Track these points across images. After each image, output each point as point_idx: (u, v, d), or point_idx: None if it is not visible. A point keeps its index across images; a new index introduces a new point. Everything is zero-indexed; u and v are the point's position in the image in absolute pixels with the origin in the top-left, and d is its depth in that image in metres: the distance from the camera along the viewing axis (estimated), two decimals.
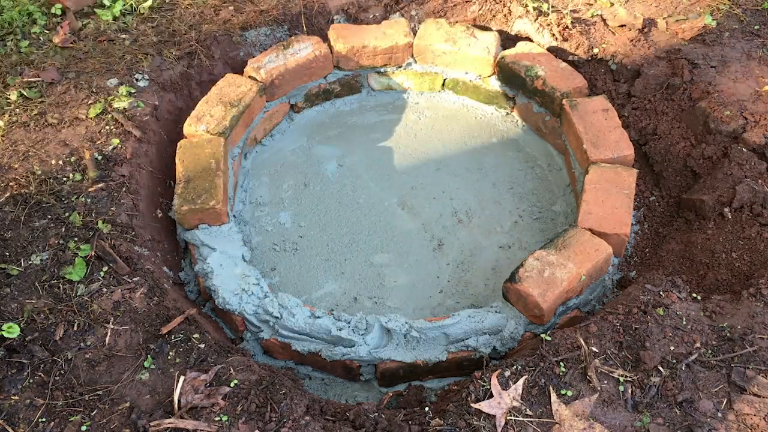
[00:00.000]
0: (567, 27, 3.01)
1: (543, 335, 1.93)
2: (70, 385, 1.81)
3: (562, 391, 1.74)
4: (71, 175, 2.38)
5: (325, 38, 3.05)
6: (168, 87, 2.85)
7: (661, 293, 1.98)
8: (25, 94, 2.67)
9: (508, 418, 1.70)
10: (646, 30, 2.96)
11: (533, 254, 2.18)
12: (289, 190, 2.83)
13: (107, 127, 2.57)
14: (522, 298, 2.10)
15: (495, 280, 2.50)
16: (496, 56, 2.96)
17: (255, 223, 2.71)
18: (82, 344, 1.90)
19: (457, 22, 3.17)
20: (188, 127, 2.61)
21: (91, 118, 2.60)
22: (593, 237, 2.22)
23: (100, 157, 2.45)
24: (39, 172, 2.38)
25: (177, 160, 2.47)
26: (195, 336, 1.96)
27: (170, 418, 1.70)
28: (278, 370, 2.14)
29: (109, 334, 1.93)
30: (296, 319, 2.15)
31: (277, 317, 2.16)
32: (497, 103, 3.11)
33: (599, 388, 1.74)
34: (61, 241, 2.17)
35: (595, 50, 2.95)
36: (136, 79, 2.79)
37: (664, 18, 3.00)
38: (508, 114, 3.11)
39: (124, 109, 2.65)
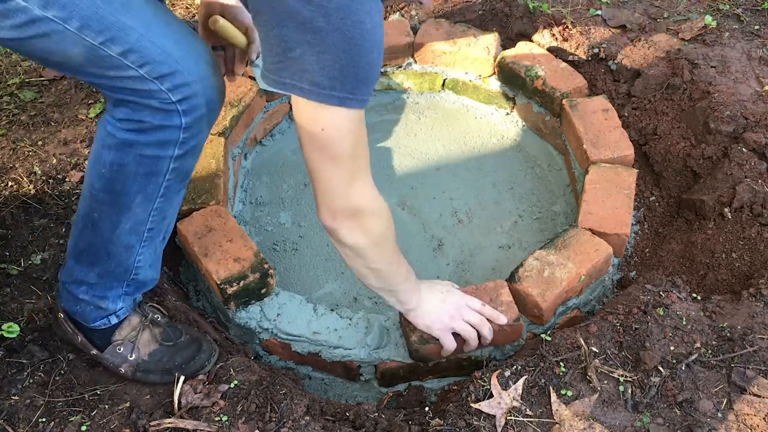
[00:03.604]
0: (567, 27, 3.01)
1: (543, 335, 1.93)
2: (70, 385, 1.81)
3: (562, 391, 1.74)
4: (71, 175, 2.38)
5: None
6: None
7: (661, 293, 1.98)
8: (25, 94, 2.67)
9: (508, 418, 1.70)
10: (646, 30, 2.96)
11: (533, 254, 2.17)
12: (289, 190, 2.83)
13: None
14: (521, 298, 2.10)
15: (495, 279, 2.49)
16: (496, 56, 2.96)
17: (255, 223, 2.71)
18: None
19: (457, 22, 3.17)
20: None
21: (90, 118, 2.60)
22: (593, 237, 2.22)
23: None
24: (39, 172, 2.38)
25: None
26: None
27: (170, 418, 1.70)
28: (278, 370, 2.14)
29: None
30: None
31: (276, 318, 2.16)
32: (497, 103, 3.11)
33: (599, 388, 1.74)
34: (61, 241, 2.17)
35: (595, 50, 2.95)
36: None
37: (664, 18, 3.00)
38: (508, 114, 3.11)
39: None
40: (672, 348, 1.81)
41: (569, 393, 1.74)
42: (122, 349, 1.77)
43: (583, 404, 1.71)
